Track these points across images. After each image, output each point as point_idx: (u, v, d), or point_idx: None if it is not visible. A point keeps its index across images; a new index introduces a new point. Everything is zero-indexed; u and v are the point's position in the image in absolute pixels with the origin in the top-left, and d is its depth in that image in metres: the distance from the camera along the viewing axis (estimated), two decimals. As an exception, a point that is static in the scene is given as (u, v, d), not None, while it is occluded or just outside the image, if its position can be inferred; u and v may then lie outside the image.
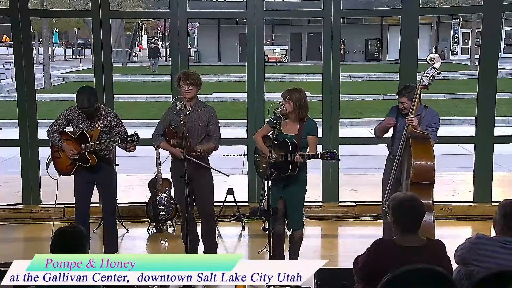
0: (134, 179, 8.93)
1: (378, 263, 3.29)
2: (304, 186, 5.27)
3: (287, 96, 5.05)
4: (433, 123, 5.29)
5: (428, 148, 4.95)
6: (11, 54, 7.74)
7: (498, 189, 7.55)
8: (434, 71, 5.08)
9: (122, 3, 30.99)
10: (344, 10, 7.37)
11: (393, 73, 23.23)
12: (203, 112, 5.40)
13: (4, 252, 5.90)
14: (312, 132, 5.13)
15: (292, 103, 5.01)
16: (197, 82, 5.34)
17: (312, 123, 5.16)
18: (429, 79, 5.07)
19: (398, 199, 3.41)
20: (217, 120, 5.50)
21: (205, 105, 5.50)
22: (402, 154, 5.12)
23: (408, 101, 5.21)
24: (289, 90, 5.10)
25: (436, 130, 5.30)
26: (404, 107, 5.27)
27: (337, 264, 5.74)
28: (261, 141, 5.29)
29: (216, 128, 5.45)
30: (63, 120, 5.45)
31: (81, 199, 5.57)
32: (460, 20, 40.12)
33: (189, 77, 5.28)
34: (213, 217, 5.76)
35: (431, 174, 4.84)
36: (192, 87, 5.30)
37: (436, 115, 5.38)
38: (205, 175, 5.48)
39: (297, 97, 5.03)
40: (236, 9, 14.96)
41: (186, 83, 5.27)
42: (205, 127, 5.39)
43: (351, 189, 7.90)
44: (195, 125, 5.36)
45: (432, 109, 5.39)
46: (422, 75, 5.10)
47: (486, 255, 3.39)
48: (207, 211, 5.60)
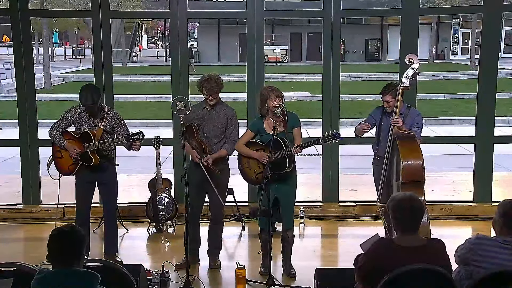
0: (134, 179, 8.94)
1: (378, 262, 3.29)
2: (296, 186, 5.31)
3: (280, 94, 5.10)
4: (416, 123, 5.38)
5: (415, 147, 4.98)
6: (11, 54, 7.74)
7: (498, 189, 7.55)
8: (413, 71, 5.15)
9: (122, 3, 30.99)
10: (344, 10, 7.37)
11: (393, 73, 23.20)
12: (222, 114, 5.36)
13: (4, 252, 5.90)
14: (296, 124, 5.18)
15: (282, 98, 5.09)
16: (220, 89, 5.32)
17: (293, 115, 5.22)
18: (409, 79, 5.14)
19: (397, 199, 3.41)
20: (237, 122, 5.42)
21: (226, 106, 5.43)
22: (390, 155, 5.16)
23: (392, 99, 5.31)
24: (273, 88, 5.15)
25: (420, 130, 5.38)
26: (389, 105, 5.37)
27: (337, 264, 5.75)
28: (246, 148, 5.25)
29: (234, 132, 5.39)
30: (65, 120, 5.44)
31: (82, 199, 5.57)
32: (460, 20, 40.14)
33: (212, 88, 5.23)
34: (222, 222, 5.72)
35: (421, 172, 4.87)
36: (216, 95, 5.31)
37: (419, 115, 5.49)
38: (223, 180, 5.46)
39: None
40: (236, 9, 14.95)
41: (209, 93, 5.26)
42: (223, 130, 5.37)
43: (351, 189, 7.90)
44: (214, 126, 5.35)
45: (415, 109, 5.52)
46: (402, 76, 5.19)
47: (486, 256, 3.38)
48: (218, 216, 5.61)
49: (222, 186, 5.49)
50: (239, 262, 5.11)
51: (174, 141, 7.02)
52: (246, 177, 5.37)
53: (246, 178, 5.39)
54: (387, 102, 5.38)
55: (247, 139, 5.29)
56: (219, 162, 5.34)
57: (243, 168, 5.34)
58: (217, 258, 5.66)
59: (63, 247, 2.93)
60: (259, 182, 5.22)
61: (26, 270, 3.42)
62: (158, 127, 13.56)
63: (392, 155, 5.15)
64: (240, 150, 5.31)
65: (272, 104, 5.05)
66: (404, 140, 5.01)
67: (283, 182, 5.14)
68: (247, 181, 5.48)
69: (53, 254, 2.94)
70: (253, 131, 5.28)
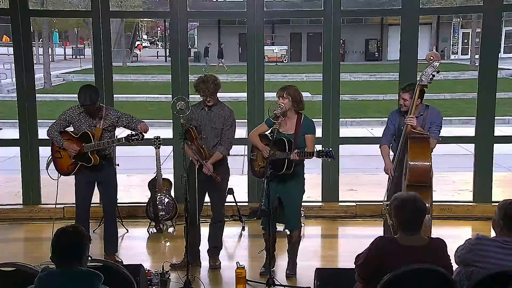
0: (134, 179, 8.94)
1: (379, 260, 3.29)
2: (301, 186, 5.27)
3: (284, 92, 5.08)
4: (435, 121, 5.24)
5: (426, 149, 4.89)
6: (11, 54, 7.74)
7: (498, 189, 7.55)
8: (433, 70, 5.00)
9: (122, 3, 31.00)
10: (344, 10, 7.37)
11: (393, 73, 23.26)
12: (220, 115, 5.36)
13: (4, 252, 5.90)
14: (310, 131, 5.14)
15: (290, 98, 5.04)
16: (217, 90, 5.31)
17: (309, 122, 5.17)
18: (428, 78, 5.00)
19: (400, 199, 3.41)
20: (233, 121, 5.41)
21: (224, 107, 5.41)
22: (401, 154, 5.11)
23: (409, 99, 5.14)
24: (283, 87, 5.13)
25: (439, 128, 5.24)
26: (405, 104, 5.21)
27: (337, 264, 5.75)
28: (257, 138, 5.28)
29: (229, 133, 5.38)
30: (63, 120, 5.45)
31: (82, 198, 5.57)
32: (460, 20, 40.13)
33: (209, 88, 5.22)
34: (222, 222, 5.72)
35: (427, 175, 4.80)
36: (213, 96, 5.30)
37: (438, 113, 5.33)
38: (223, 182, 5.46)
39: (292, 92, 5.08)
40: (236, 9, 14.96)
41: (206, 94, 5.26)
42: (221, 130, 5.37)
43: (351, 189, 7.90)
44: (212, 127, 5.35)
45: (434, 107, 5.35)
46: (421, 74, 5.04)
47: (486, 256, 3.38)
48: (218, 216, 5.61)
49: (222, 185, 5.49)
50: (239, 262, 5.12)
51: (174, 141, 7.02)
52: (252, 167, 5.43)
53: (251, 167, 5.46)
54: (403, 100, 5.22)
55: (261, 131, 5.31)
56: (217, 165, 5.34)
57: (252, 158, 5.40)
58: (217, 258, 5.66)
59: (66, 247, 2.95)
60: (260, 175, 5.27)
61: (26, 270, 3.42)
62: (158, 127, 13.56)
63: (403, 154, 5.06)
64: (251, 138, 5.36)
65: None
66: (416, 141, 4.90)
67: (286, 182, 5.14)
68: (251, 170, 5.52)
69: (56, 254, 2.96)
70: (267, 125, 5.28)
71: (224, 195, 5.68)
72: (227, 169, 5.54)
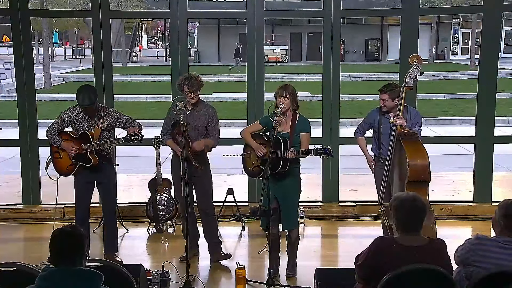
0: (134, 179, 8.94)
1: (379, 260, 3.29)
2: (297, 186, 5.27)
3: (285, 92, 5.08)
4: (416, 122, 5.37)
5: (420, 146, 4.98)
6: (11, 54, 7.74)
7: (498, 189, 7.56)
8: (417, 72, 5.13)
9: (122, 3, 31.01)
10: (344, 10, 7.37)
11: (393, 73, 23.20)
12: (203, 113, 5.44)
13: (4, 252, 5.90)
14: (305, 129, 5.16)
15: (290, 98, 5.06)
16: (200, 87, 5.40)
17: (304, 120, 5.19)
18: (412, 79, 5.12)
19: (400, 199, 3.41)
20: (217, 119, 5.53)
21: (206, 105, 5.53)
22: (393, 154, 5.13)
23: (388, 99, 5.31)
24: (283, 87, 5.14)
25: (420, 129, 5.37)
26: (385, 105, 5.37)
27: (337, 264, 5.75)
28: (249, 136, 5.30)
29: (215, 128, 5.50)
30: (62, 120, 5.45)
31: (81, 199, 5.57)
32: (460, 20, 40.13)
33: (193, 85, 5.32)
34: (213, 215, 5.75)
35: (427, 172, 4.87)
36: (197, 93, 5.38)
37: (418, 113, 5.48)
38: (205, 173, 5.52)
39: (291, 91, 5.12)
40: (236, 9, 14.96)
41: (191, 90, 5.33)
42: (205, 128, 5.46)
43: (351, 189, 7.90)
44: (195, 125, 5.42)
45: (413, 108, 5.52)
46: (406, 76, 5.16)
47: (486, 256, 3.39)
48: (207, 209, 5.63)
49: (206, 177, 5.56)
50: (239, 262, 5.12)
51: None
52: (245, 165, 5.44)
53: (244, 166, 5.47)
54: (383, 101, 5.38)
55: (253, 130, 5.34)
56: (199, 157, 5.39)
57: (244, 157, 5.41)
58: (220, 250, 5.68)
59: (64, 246, 2.95)
60: (254, 174, 5.30)
61: (26, 270, 3.42)
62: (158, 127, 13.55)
63: (394, 156, 5.12)
64: (243, 136, 5.38)
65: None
66: (409, 140, 5.00)
67: (282, 183, 5.14)
68: (244, 170, 5.52)
69: (54, 254, 2.96)
70: (261, 124, 5.30)
71: (210, 188, 5.68)
72: (207, 161, 5.60)
